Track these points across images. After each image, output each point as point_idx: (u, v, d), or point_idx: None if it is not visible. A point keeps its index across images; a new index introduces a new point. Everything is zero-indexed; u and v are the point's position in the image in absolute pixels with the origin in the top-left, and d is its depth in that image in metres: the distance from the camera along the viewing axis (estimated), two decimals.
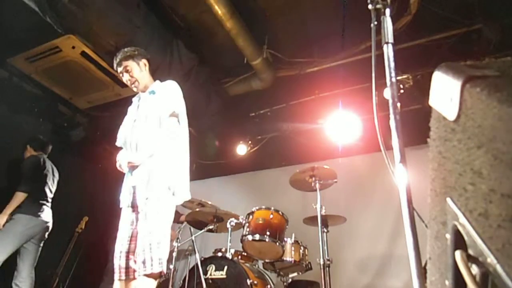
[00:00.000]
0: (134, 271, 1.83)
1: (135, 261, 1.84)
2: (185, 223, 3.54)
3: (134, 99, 2.39)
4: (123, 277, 1.88)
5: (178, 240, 3.25)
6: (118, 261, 1.93)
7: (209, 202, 3.30)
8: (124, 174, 2.16)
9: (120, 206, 2.11)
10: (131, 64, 2.24)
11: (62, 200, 4.32)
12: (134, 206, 2.01)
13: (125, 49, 2.29)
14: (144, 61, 2.30)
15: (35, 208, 3.36)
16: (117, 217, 2.10)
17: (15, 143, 3.90)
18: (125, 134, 2.22)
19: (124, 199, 2.08)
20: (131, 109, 2.39)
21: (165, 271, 1.90)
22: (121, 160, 2.07)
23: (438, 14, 3.25)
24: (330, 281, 2.81)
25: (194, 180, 5.12)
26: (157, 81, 2.35)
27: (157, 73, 2.42)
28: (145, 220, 1.90)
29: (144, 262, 1.81)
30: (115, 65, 2.29)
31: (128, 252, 1.91)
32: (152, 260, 1.82)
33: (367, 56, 3.71)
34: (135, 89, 2.30)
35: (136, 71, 2.25)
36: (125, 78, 2.26)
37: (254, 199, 4.57)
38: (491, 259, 0.40)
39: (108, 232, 3.16)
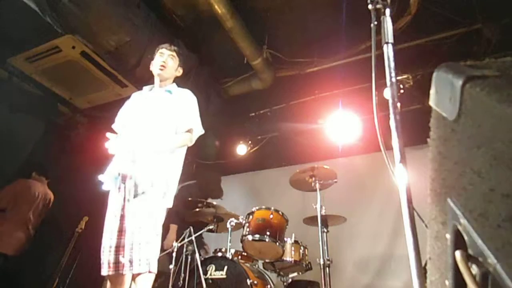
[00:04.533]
0: (124, 266, 1.81)
1: (124, 256, 1.83)
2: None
3: (146, 87, 2.45)
4: (112, 272, 1.82)
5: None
6: (108, 256, 1.86)
7: (214, 202, 3.30)
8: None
9: (104, 189, 2.07)
10: (177, 58, 2.44)
11: (62, 200, 4.32)
12: (124, 201, 1.96)
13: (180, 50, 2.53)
14: (180, 69, 2.50)
15: None
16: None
17: (15, 143, 3.90)
18: (127, 120, 2.26)
19: (112, 185, 2.05)
20: (137, 96, 2.44)
21: (153, 271, 1.87)
22: (114, 144, 2.06)
23: (438, 14, 3.25)
24: (330, 281, 2.81)
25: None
26: (175, 84, 2.44)
27: (177, 80, 2.52)
28: (135, 219, 1.88)
29: (131, 261, 1.79)
30: (164, 46, 2.43)
31: (118, 247, 1.86)
32: (140, 260, 1.81)
33: (367, 56, 3.70)
34: (157, 72, 2.36)
35: (174, 65, 2.42)
36: (164, 58, 2.37)
37: (254, 199, 4.57)
38: (491, 259, 0.40)
39: None
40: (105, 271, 1.84)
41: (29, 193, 3.80)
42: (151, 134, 2.10)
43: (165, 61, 2.35)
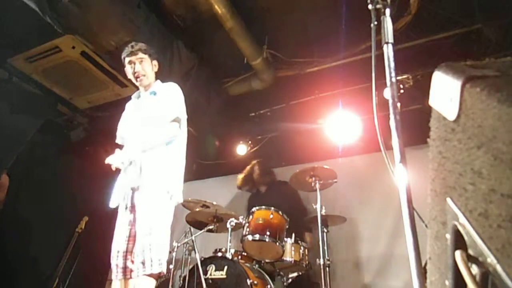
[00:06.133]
0: (132, 271, 1.84)
1: (132, 261, 1.85)
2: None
3: (134, 96, 2.43)
4: (120, 277, 1.87)
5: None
6: (116, 260, 1.93)
7: (214, 202, 3.30)
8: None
9: (111, 206, 2.10)
10: (147, 58, 2.29)
11: (62, 200, 4.32)
12: (132, 207, 2.01)
13: (142, 44, 2.30)
14: (155, 62, 2.37)
15: None
16: (117, 217, 2.10)
17: (14, 143, 3.90)
18: (124, 132, 2.26)
19: (119, 200, 2.08)
20: (129, 106, 2.44)
21: (164, 272, 1.90)
22: (113, 158, 2.05)
23: (438, 14, 3.25)
24: (330, 281, 2.81)
25: (194, 180, 5.16)
26: (158, 81, 2.40)
27: (157, 73, 2.48)
28: (144, 221, 1.90)
29: (143, 263, 1.81)
30: (127, 53, 2.25)
31: (126, 252, 1.91)
32: (152, 261, 1.83)
33: (367, 56, 3.70)
34: (138, 83, 2.31)
35: (148, 66, 2.30)
36: (136, 68, 2.25)
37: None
38: (491, 259, 0.40)
39: (108, 232, 3.16)
40: (114, 275, 1.90)
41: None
42: (142, 140, 2.10)
43: (137, 70, 2.25)
